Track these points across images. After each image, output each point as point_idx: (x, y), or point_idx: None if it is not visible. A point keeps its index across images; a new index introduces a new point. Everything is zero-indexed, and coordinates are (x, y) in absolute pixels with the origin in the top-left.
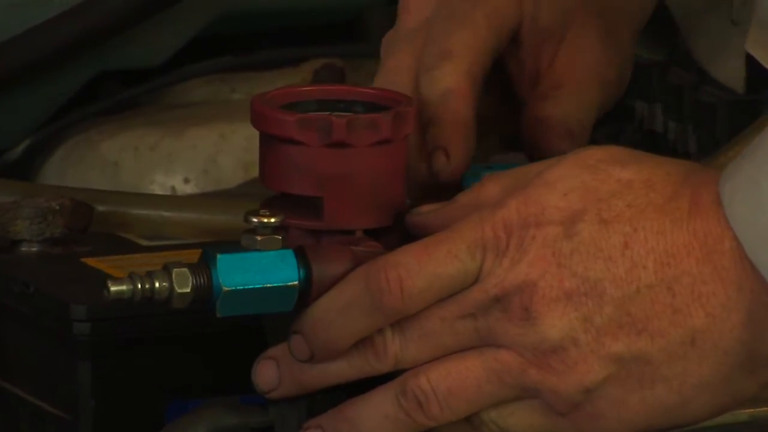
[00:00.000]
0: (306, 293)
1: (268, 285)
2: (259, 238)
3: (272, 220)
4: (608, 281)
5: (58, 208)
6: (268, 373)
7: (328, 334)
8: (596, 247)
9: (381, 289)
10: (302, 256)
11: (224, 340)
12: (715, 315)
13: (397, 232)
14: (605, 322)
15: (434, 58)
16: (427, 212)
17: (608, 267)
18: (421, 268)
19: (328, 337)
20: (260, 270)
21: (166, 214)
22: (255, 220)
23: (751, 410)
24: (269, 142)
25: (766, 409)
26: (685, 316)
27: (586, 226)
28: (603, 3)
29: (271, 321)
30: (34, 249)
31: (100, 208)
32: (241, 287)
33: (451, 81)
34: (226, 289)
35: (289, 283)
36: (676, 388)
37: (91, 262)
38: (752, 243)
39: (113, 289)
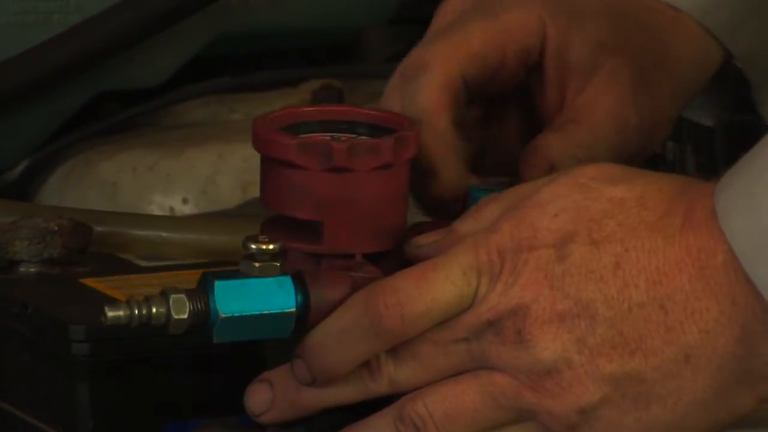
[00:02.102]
0: (303, 319)
1: (266, 312)
2: (257, 264)
3: (271, 247)
4: (600, 302)
5: (56, 228)
6: (261, 396)
7: (328, 358)
8: (587, 268)
9: (380, 314)
10: (300, 283)
11: (222, 360)
12: (708, 331)
13: (398, 255)
14: (598, 343)
15: (412, 70)
16: (426, 244)
17: (600, 288)
18: (420, 293)
19: (327, 362)
20: (258, 297)
21: (164, 234)
22: (254, 246)
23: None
24: (270, 164)
25: (765, 430)
26: (678, 334)
27: (577, 247)
28: (644, 54)
29: (271, 343)
30: (32, 269)
31: (99, 228)
32: (239, 314)
33: (425, 97)
34: (224, 315)
35: (287, 310)
36: (671, 406)
37: (89, 282)
38: (748, 255)
39: (110, 314)
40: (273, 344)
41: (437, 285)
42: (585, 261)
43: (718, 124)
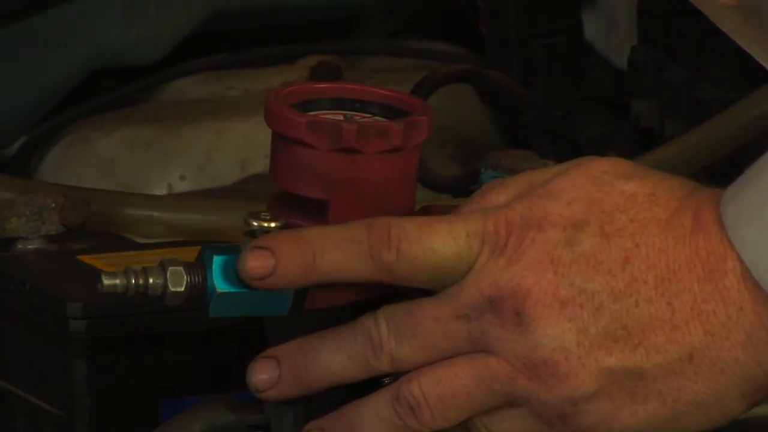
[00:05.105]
0: (301, 299)
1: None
2: None
3: (272, 224)
4: (606, 294)
5: (54, 205)
6: (267, 372)
7: (321, 259)
8: (596, 259)
9: (381, 239)
10: None
11: (220, 337)
12: (714, 333)
13: None
14: (600, 335)
15: None
16: None
17: (607, 281)
18: (420, 236)
19: (320, 262)
20: None
21: (158, 214)
22: (255, 223)
23: None
24: (280, 141)
25: (761, 408)
26: (684, 333)
27: (587, 237)
28: None
29: (272, 321)
30: (30, 246)
31: (94, 207)
32: (235, 290)
33: None
34: (220, 291)
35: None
36: (670, 403)
37: (87, 259)
38: (758, 264)
39: (106, 282)
40: (274, 322)
41: (439, 237)
42: (594, 252)
43: (715, 99)
